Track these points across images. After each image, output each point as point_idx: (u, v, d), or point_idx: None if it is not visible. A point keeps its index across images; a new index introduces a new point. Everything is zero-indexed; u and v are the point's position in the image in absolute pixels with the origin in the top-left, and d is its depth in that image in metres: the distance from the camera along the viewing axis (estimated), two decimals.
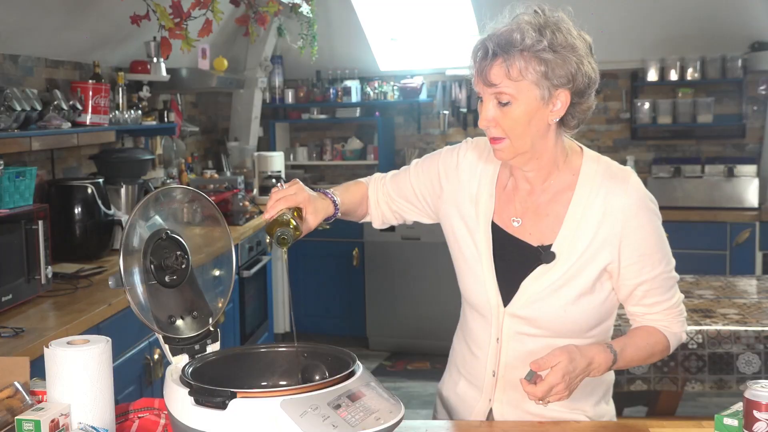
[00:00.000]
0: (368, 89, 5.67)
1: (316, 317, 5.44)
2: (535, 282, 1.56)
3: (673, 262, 1.60)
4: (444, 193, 1.69)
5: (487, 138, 1.60)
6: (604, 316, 1.61)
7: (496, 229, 1.61)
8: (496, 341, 1.61)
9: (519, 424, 1.59)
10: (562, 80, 1.46)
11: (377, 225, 1.82)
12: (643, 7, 4.82)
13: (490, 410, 1.65)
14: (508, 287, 1.59)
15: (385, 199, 1.79)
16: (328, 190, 1.65)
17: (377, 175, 1.82)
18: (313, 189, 1.61)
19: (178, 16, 3.49)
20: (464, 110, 5.67)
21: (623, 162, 5.02)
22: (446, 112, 5.68)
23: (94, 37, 3.86)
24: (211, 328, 1.46)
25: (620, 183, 1.55)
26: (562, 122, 1.53)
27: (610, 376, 1.71)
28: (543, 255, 1.56)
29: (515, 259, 1.59)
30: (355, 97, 5.63)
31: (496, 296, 1.60)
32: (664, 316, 1.61)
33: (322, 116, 5.80)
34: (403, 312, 5.20)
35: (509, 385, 1.61)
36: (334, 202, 1.64)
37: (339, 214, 1.67)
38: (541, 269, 1.56)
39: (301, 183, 1.56)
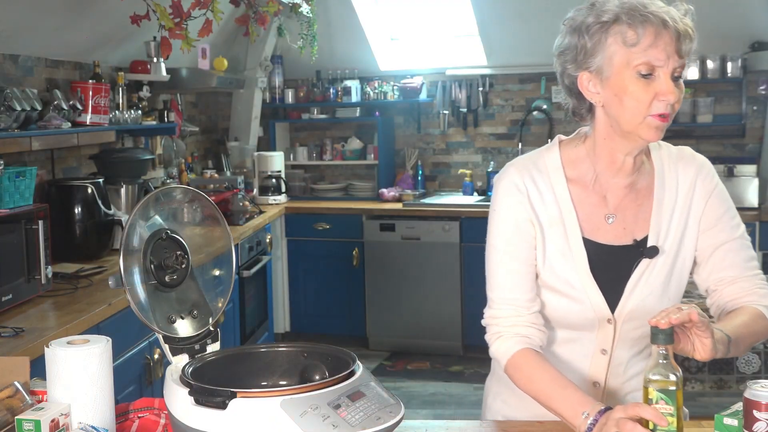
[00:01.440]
0: (368, 89, 5.67)
1: (316, 317, 5.44)
2: (641, 278, 1.52)
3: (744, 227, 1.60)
4: (537, 235, 1.56)
5: (522, 159, 1.58)
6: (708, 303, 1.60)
7: (586, 243, 1.54)
8: (601, 352, 1.56)
9: (519, 424, 1.59)
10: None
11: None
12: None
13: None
14: (612, 296, 1.53)
15: (522, 318, 1.56)
16: (601, 408, 1.39)
17: (498, 322, 1.56)
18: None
19: (178, 16, 3.49)
20: (464, 110, 5.67)
21: None
22: (446, 112, 5.68)
23: (94, 37, 3.86)
24: (211, 328, 1.46)
25: (691, 161, 1.58)
26: None
27: None
28: (645, 251, 1.52)
29: (612, 266, 1.53)
30: (355, 97, 5.63)
31: (604, 308, 1.53)
32: (748, 285, 1.55)
33: (322, 116, 5.81)
34: (403, 312, 5.20)
35: (611, 393, 1.58)
36: None
37: None
38: (643, 265, 1.53)
39: None
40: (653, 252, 1.52)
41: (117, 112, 3.86)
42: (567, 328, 1.57)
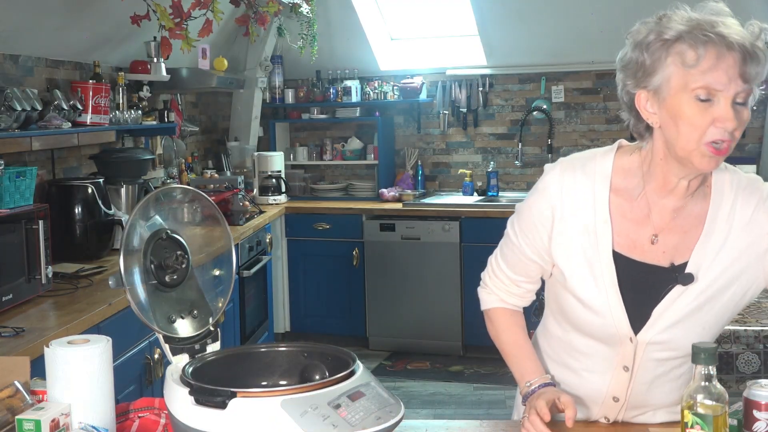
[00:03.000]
0: (368, 89, 5.67)
1: (316, 317, 5.44)
2: (673, 305, 1.46)
3: None
4: (552, 233, 1.53)
5: (575, 157, 1.55)
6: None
7: (616, 257, 1.48)
8: (623, 369, 1.52)
9: (519, 423, 1.59)
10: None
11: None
12: (644, 7, 4.81)
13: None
14: (636, 315, 1.48)
15: (519, 291, 1.66)
16: (544, 382, 1.57)
17: (493, 281, 1.68)
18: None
19: (178, 16, 3.49)
20: (464, 110, 5.67)
21: None
22: (446, 111, 5.68)
23: (94, 37, 3.86)
24: (211, 328, 1.46)
25: (755, 192, 1.46)
26: None
27: None
28: (680, 277, 1.45)
29: (642, 285, 1.47)
30: (355, 97, 5.64)
31: (626, 327, 1.48)
32: None
33: (322, 116, 5.81)
34: (403, 312, 5.20)
35: (633, 408, 1.57)
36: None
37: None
38: (676, 291, 1.45)
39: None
40: (688, 279, 1.45)
41: (117, 112, 3.86)
42: (589, 337, 1.55)
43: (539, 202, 1.54)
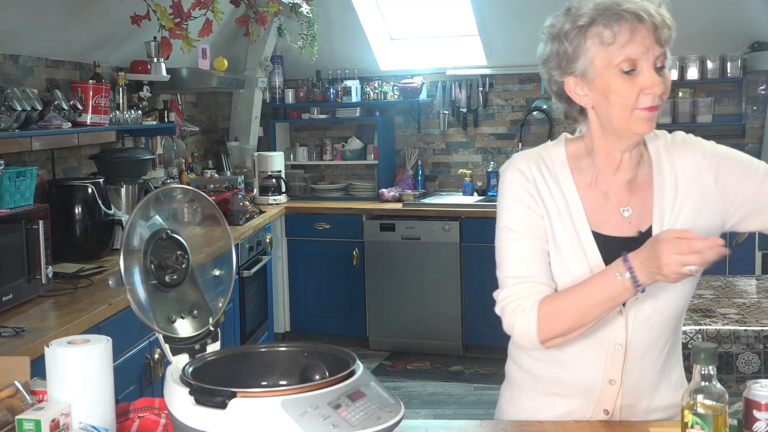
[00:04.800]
0: (368, 89, 5.67)
1: (316, 317, 5.44)
2: None
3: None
4: (541, 210, 1.56)
5: (526, 152, 1.60)
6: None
7: (593, 235, 1.54)
8: (616, 347, 1.55)
9: (520, 424, 1.59)
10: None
11: None
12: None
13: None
14: None
15: (545, 288, 1.55)
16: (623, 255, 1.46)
17: (515, 297, 1.53)
18: None
19: (179, 16, 3.49)
20: (464, 110, 5.67)
21: None
22: (446, 111, 5.68)
23: (95, 37, 3.87)
24: (212, 328, 1.46)
25: (684, 145, 1.58)
26: None
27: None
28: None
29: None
30: (355, 97, 5.64)
31: None
32: None
33: (322, 116, 5.81)
34: (403, 312, 5.20)
35: (629, 391, 1.58)
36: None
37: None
38: None
39: None
40: None
41: (117, 112, 3.86)
42: None
43: (521, 192, 1.56)
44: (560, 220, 1.54)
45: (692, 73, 5.09)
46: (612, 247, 1.52)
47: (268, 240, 4.97)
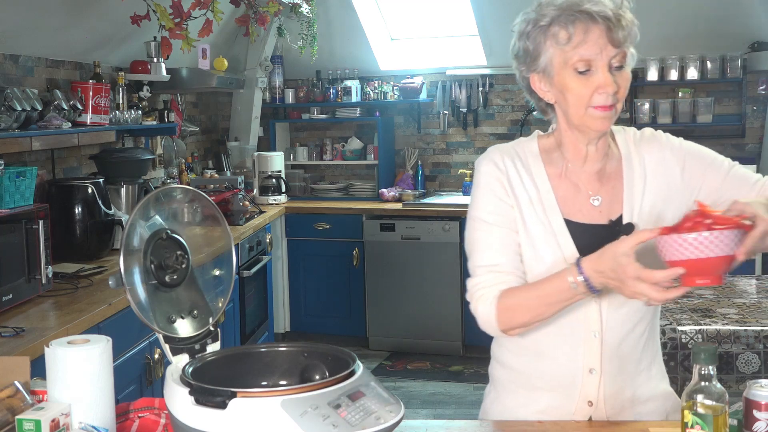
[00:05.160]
0: (368, 89, 5.67)
1: (316, 317, 5.44)
2: None
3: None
4: (513, 207, 1.60)
5: (500, 146, 1.65)
6: None
7: (566, 223, 1.58)
8: (593, 335, 1.57)
9: (519, 424, 1.59)
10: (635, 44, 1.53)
11: None
12: (643, 7, 4.80)
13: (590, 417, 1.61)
14: None
15: (514, 278, 1.58)
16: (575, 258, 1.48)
17: (482, 286, 1.58)
18: None
19: (178, 16, 3.49)
20: (464, 110, 5.67)
21: None
22: (446, 111, 5.68)
23: (95, 37, 3.87)
24: (212, 328, 1.46)
25: (648, 139, 1.63)
26: None
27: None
28: (622, 228, 1.56)
29: (593, 245, 1.49)
30: (355, 97, 5.64)
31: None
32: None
33: (322, 116, 5.81)
34: (403, 312, 5.20)
35: (608, 381, 1.59)
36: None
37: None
38: None
39: None
40: (629, 229, 1.55)
41: (117, 112, 3.86)
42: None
43: (492, 175, 1.61)
44: (532, 209, 1.58)
45: (692, 73, 5.09)
46: (584, 234, 1.57)
47: (268, 240, 4.97)
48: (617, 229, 1.56)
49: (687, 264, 1.29)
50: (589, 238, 1.54)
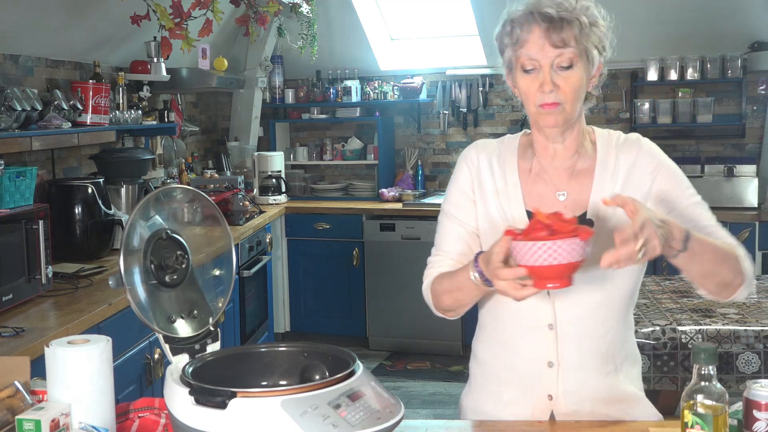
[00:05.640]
0: (368, 89, 5.67)
1: (316, 317, 5.44)
2: None
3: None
4: (474, 196, 1.70)
5: (487, 140, 1.74)
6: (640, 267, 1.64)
7: (529, 215, 1.62)
8: (548, 327, 1.61)
9: (519, 424, 1.59)
10: (602, 48, 1.57)
11: None
12: (643, 7, 4.82)
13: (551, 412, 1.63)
14: None
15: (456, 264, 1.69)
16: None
17: (431, 268, 1.76)
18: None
19: (178, 16, 3.49)
20: (464, 110, 5.67)
21: None
22: (446, 111, 5.68)
23: (94, 37, 3.87)
24: (212, 328, 1.46)
25: (633, 143, 1.66)
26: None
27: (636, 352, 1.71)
28: (583, 223, 1.56)
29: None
30: (355, 97, 5.64)
31: None
32: (719, 234, 1.59)
33: (322, 116, 5.81)
34: (403, 312, 5.20)
35: (567, 374, 1.61)
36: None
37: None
38: None
39: None
40: (588, 224, 1.57)
41: (117, 112, 3.86)
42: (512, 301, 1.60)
43: (462, 171, 1.72)
44: (497, 199, 1.66)
45: (692, 73, 5.09)
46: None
47: (268, 240, 4.97)
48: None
49: (530, 269, 1.35)
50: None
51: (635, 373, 1.70)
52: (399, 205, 5.31)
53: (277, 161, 5.51)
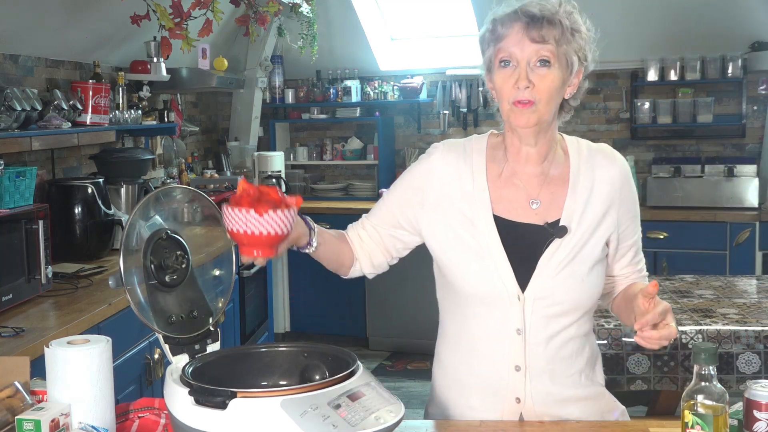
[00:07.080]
0: (368, 89, 5.67)
1: (316, 317, 5.44)
2: (552, 257, 1.58)
3: None
4: (427, 199, 1.68)
5: (454, 140, 1.72)
6: (603, 288, 1.68)
7: (497, 220, 1.61)
8: (516, 332, 1.59)
9: (519, 424, 1.59)
10: (584, 57, 1.57)
11: (367, 269, 1.87)
12: (643, 7, 4.82)
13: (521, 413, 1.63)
14: (522, 272, 1.58)
15: (368, 235, 1.80)
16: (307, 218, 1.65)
17: (353, 223, 1.85)
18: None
19: (178, 16, 3.49)
20: (464, 110, 5.67)
21: None
22: (446, 111, 5.68)
23: (94, 37, 3.87)
24: (211, 328, 1.46)
25: (607, 155, 1.66)
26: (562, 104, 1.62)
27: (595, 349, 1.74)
28: (556, 230, 1.58)
29: (523, 244, 1.59)
30: (355, 97, 5.63)
31: (513, 284, 1.58)
32: (642, 276, 1.72)
33: (322, 116, 5.81)
34: (403, 312, 5.20)
35: (535, 377, 1.61)
36: (309, 227, 1.69)
37: (314, 245, 1.74)
38: (554, 245, 1.58)
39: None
40: (562, 231, 1.58)
41: (117, 112, 3.86)
42: (480, 303, 1.61)
43: (421, 165, 1.71)
44: (462, 201, 1.63)
45: (692, 74, 5.09)
46: (515, 231, 1.60)
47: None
48: (551, 231, 1.59)
49: (233, 235, 1.38)
50: (520, 234, 1.59)
51: (598, 368, 1.71)
52: None
53: (277, 161, 5.50)
